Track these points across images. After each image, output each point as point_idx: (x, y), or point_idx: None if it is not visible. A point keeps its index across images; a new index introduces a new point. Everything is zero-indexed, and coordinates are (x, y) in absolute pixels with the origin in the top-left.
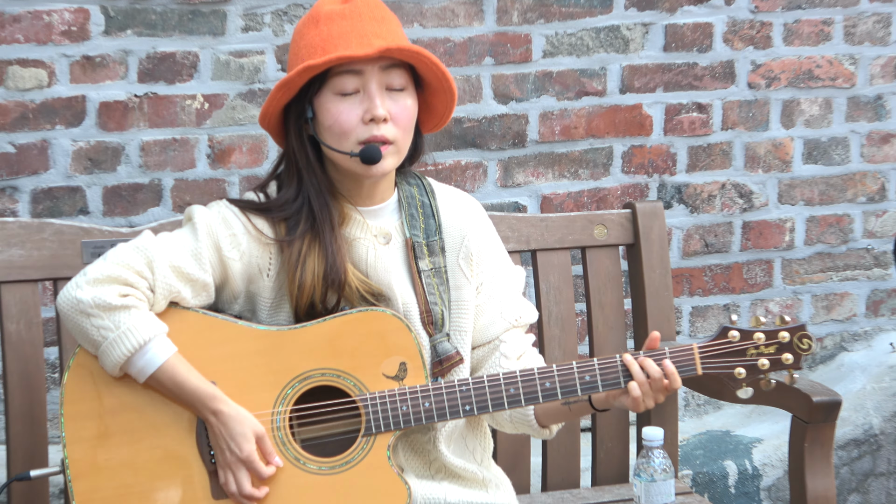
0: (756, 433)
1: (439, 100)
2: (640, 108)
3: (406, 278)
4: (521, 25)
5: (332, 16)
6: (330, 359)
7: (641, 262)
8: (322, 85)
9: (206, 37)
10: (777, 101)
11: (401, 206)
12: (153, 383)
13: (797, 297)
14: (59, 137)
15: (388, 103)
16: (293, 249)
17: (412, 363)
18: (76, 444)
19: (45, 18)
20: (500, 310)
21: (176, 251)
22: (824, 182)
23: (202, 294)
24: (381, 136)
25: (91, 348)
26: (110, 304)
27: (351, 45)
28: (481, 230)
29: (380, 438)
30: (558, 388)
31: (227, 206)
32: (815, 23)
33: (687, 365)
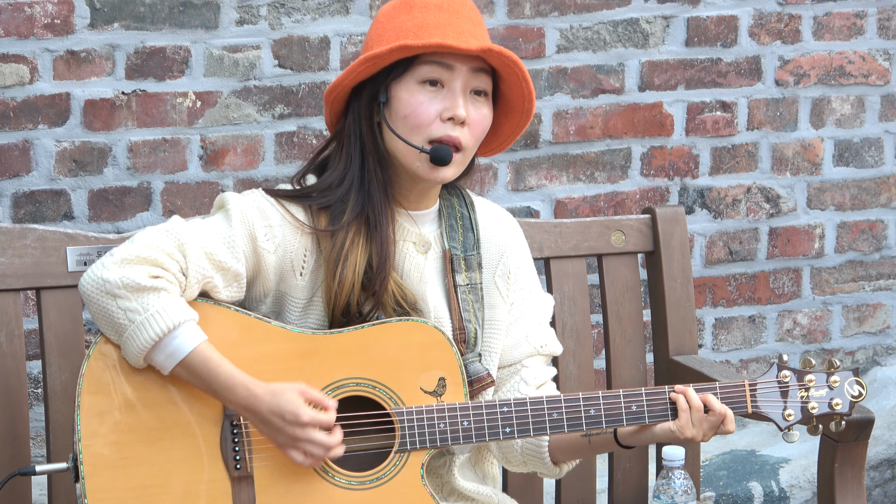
0: (783, 453)
1: (509, 121)
2: (660, 107)
3: (441, 292)
4: (533, 18)
5: (428, 5)
6: (365, 368)
7: (661, 270)
8: (406, 70)
9: (198, 30)
10: (806, 99)
11: (441, 216)
12: (182, 371)
13: (827, 309)
14: (41, 138)
15: (469, 106)
16: (336, 240)
17: (452, 379)
18: (92, 438)
19: (26, 11)
20: (527, 333)
21: (208, 237)
22: (856, 186)
23: (233, 285)
24: (456, 139)
25: (114, 334)
26: (140, 285)
27: (448, 37)
28: (519, 249)
29: (413, 456)
30: (603, 417)
31: (263, 196)
32: (847, 16)
33: (738, 401)
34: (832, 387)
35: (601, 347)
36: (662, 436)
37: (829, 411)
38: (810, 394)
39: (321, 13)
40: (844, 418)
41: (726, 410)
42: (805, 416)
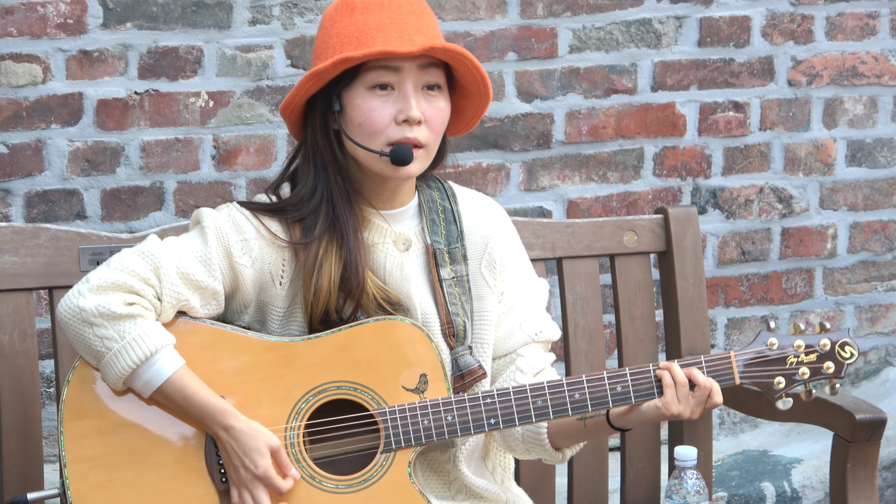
0: (795, 453)
1: (470, 104)
2: (672, 107)
3: (426, 287)
4: (546, 18)
5: (369, 5)
6: (346, 371)
7: (674, 270)
8: (354, 78)
9: (211, 30)
10: (819, 99)
11: (421, 211)
12: (159, 398)
13: (839, 309)
14: (54, 137)
15: (423, 104)
16: (309, 252)
17: (433, 375)
18: (77, 463)
19: (39, 10)
20: (520, 322)
21: (184, 257)
22: (869, 186)
23: (211, 302)
24: (414, 139)
25: (93, 360)
26: (115, 313)
27: (391, 40)
28: (505, 237)
29: (400, 454)
30: (588, 400)
31: (237, 209)
32: (860, 16)
33: (724, 374)
34: (822, 350)
35: (613, 347)
36: (650, 413)
37: (820, 375)
38: (800, 359)
39: None
40: (838, 381)
41: (711, 383)
42: (795, 382)
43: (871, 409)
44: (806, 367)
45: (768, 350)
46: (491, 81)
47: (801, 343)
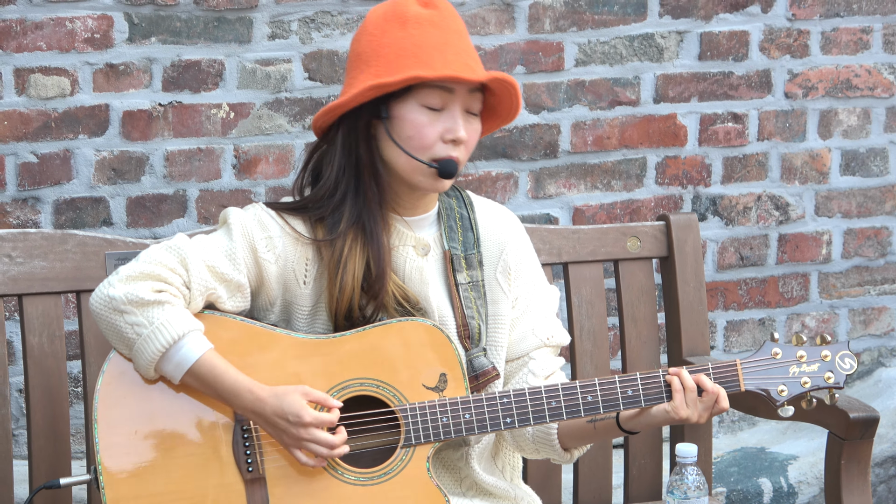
0: (792, 450)
1: (490, 127)
2: (674, 118)
3: (443, 291)
4: (553, 33)
5: (421, 20)
6: (369, 369)
7: (675, 275)
8: (408, 92)
9: (232, 44)
10: (814, 111)
11: (440, 218)
12: (190, 380)
13: (834, 312)
14: (81, 147)
15: (466, 126)
16: (334, 249)
17: (452, 374)
18: (109, 450)
19: (67, 26)
20: (533, 326)
21: (210, 251)
22: (862, 194)
23: (237, 295)
24: (456, 158)
25: (125, 348)
26: (144, 300)
27: (450, 62)
28: (520, 244)
29: (419, 450)
30: (600, 402)
31: (262, 209)
32: (854, 31)
33: (731, 381)
34: (824, 360)
35: (617, 349)
36: (659, 417)
37: (822, 385)
38: (802, 369)
39: (349, 28)
40: (837, 391)
41: (719, 389)
42: (798, 391)
43: (864, 408)
44: (807, 377)
45: (772, 359)
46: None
47: (804, 353)
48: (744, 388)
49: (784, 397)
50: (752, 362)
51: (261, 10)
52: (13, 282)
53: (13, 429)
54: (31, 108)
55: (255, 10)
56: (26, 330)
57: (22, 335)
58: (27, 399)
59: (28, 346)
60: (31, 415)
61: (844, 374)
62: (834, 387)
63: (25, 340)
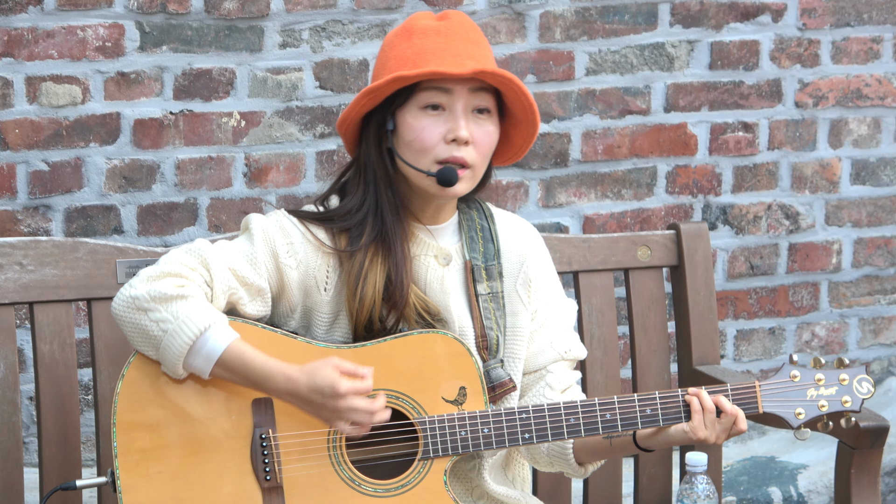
0: (801, 459)
1: (519, 132)
2: (684, 128)
3: (463, 301)
4: (563, 42)
5: (427, 30)
6: (389, 380)
7: (685, 284)
8: (408, 98)
9: (243, 53)
10: (825, 120)
11: (461, 229)
12: (220, 371)
13: (844, 321)
14: (93, 155)
15: (471, 126)
16: (354, 261)
17: (472, 388)
18: (127, 454)
19: (79, 34)
20: (551, 339)
21: (231, 255)
22: (872, 203)
23: (258, 300)
24: (461, 159)
25: (152, 349)
26: (167, 295)
27: (444, 62)
28: (539, 257)
29: (437, 463)
30: (619, 421)
31: (285, 215)
32: (864, 40)
33: (749, 402)
34: (842, 384)
35: (627, 357)
36: (677, 437)
37: (839, 409)
38: (820, 392)
39: (360, 37)
40: (854, 415)
41: (737, 411)
42: (816, 414)
43: (874, 418)
44: (825, 400)
45: (791, 382)
46: None
47: (822, 377)
48: (762, 411)
49: (801, 420)
50: (771, 384)
51: (272, 18)
52: (24, 289)
53: (24, 436)
54: (42, 117)
55: (266, 19)
56: (37, 337)
57: (33, 343)
58: (38, 407)
59: (39, 353)
60: (41, 422)
61: (861, 399)
62: (850, 411)
63: (36, 348)
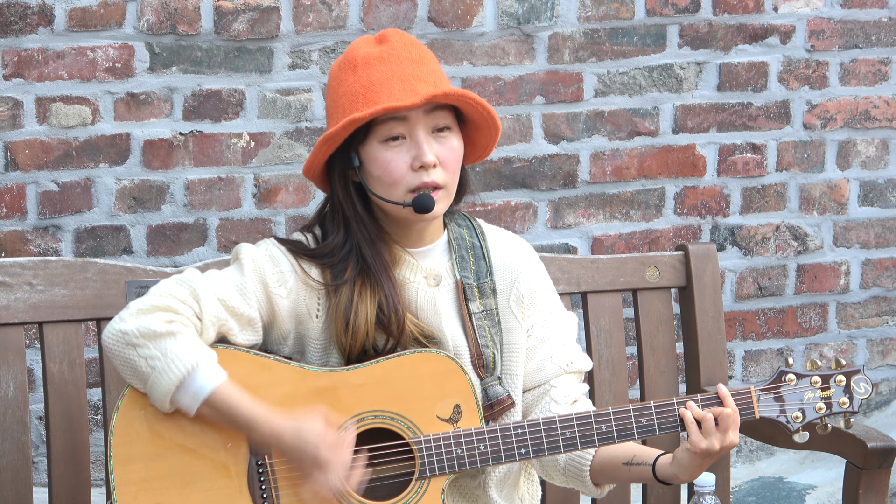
0: (810, 479)
1: (482, 134)
2: (693, 149)
3: (457, 321)
4: (572, 64)
5: (370, 59)
6: (383, 401)
7: (694, 305)
8: (367, 134)
9: (253, 74)
10: (833, 141)
11: (451, 248)
12: (206, 410)
13: (852, 342)
14: (102, 176)
15: (435, 147)
16: (341, 297)
17: (466, 406)
18: (125, 486)
19: (89, 55)
20: (551, 354)
21: (221, 285)
22: (880, 225)
23: (248, 329)
24: (432, 182)
25: (140, 383)
26: (155, 332)
27: (394, 93)
28: (533, 272)
29: (434, 482)
30: (615, 432)
31: (274, 245)
32: (872, 62)
33: (745, 408)
34: (839, 385)
35: (636, 378)
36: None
37: (837, 410)
38: (817, 394)
39: None
40: (853, 416)
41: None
42: (813, 416)
43: (882, 438)
44: (822, 402)
45: (787, 385)
46: (519, 124)
47: (818, 378)
48: (758, 415)
49: (799, 423)
50: (767, 389)
51: (281, 39)
52: (34, 309)
53: (33, 456)
54: (52, 137)
55: (275, 40)
56: (47, 357)
57: (42, 363)
58: (47, 426)
59: (48, 373)
60: (51, 442)
61: (860, 399)
62: (849, 412)
63: (46, 368)
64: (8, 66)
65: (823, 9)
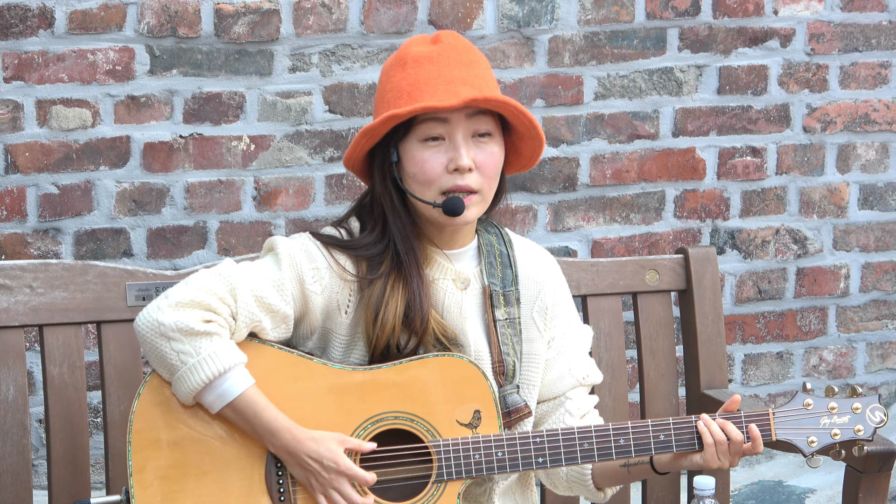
0: (809, 483)
1: (527, 144)
2: (693, 152)
3: (480, 326)
4: (572, 67)
5: (420, 59)
6: (404, 402)
7: (694, 308)
8: (408, 131)
9: (253, 77)
10: (833, 145)
11: (480, 253)
12: (228, 413)
13: (852, 346)
14: (102, 178)
15: (473, 151)
16: (374, 289)
17: (486, 412)
18: (142, 473)
19: (89, 58)
20: (570, 367)
21: (258, 281)
22: (880, 228)
23: (281, 326)
24: (466, 186)
25: (166, 373)
26: (193, 329)
27: (437, 93)
28: (557, 285)
29: (450, 486)
30: (632, 446)
31: (310, 240)
32: (872, 66)
33: (762, 430)
34: (855, 413)
35: (635, 381)
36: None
37: (852, 437)
38: (833, 420)
39: (369, 61)
40: (867, 444)
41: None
42: (828, 442)
43: (882, 442)
44: (838, 429)
45: (804, 410)
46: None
47: (835, 405)
48: (775, 438)
49: (814, 448)
50: (785, 412)
51: (281, 42)
52: (34, 312)
53: (33, 459)
54: (52, 140)
55: (275, 43)
56: (47, 360)
57: (42, 365)
58: (47, 429)
59: (48, 376)
60: (50, 445)
61: (874, 427)
62: (863, 440)
63: (46, 371)
64: (8, 68)
65: (823, 12)
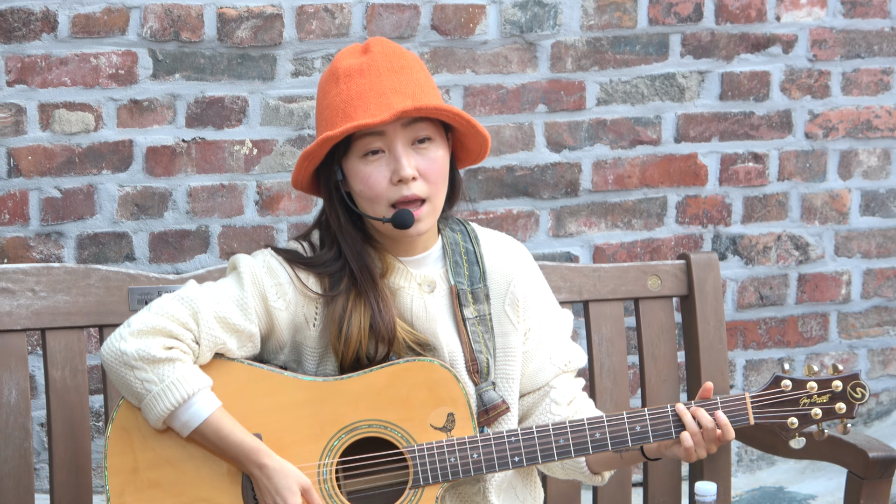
0: (810, 489)
1: (472, 140)
2: (695, 158)
3: (451, 326)
4: (574, 72)
5: (351, 72)
6: (377, 410)
7: (695, 314)
8: (348, 149)
9: (256, 81)
10: (835, 151)
11: (445, 254)
12: (197, 437)
13: (853, 352)
14: (105, 182)
15: (414, 160)
16: (336, 305)
17: (460, 414)
18: (121, 497)
19: (92, 62)
20: (550, 355)
21: (221, 301)
22: (882, 234)
23: (248, 345)
24: (413, 196)
25: (135, 401)
26: (154, 357)
27: (370, 108)
28: (527, 275)
29: (428, 490)
30: (608, 439)
31: (272, 255)
32: (874, 72)
33: (739, 415)
34: (834, 391)
35: (637, 387)
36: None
37: (833, 416)
38: (813, 400)
39: None
40: (848, 420)
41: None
42: (808, 422)
43: (883, 448)
44: (818, 408)
45: (782, 391)
46: (521, 132)
47: (814, 384)
48: (753, 422)
49: (794, 429)
50: (762, 395)
51: (284, 47)
52: (36, 316)
53: (35, 462)
54: (55, 144)
55: (278, 48)
56: (49, 364)
57: (45, 369)
58: (49, 433)
59: (50, 380)
60: (52, 449)
61: (856, 404)
62: (845, 416)
63: (48, 374)
64: (11, 72)
65: (826, 18)
